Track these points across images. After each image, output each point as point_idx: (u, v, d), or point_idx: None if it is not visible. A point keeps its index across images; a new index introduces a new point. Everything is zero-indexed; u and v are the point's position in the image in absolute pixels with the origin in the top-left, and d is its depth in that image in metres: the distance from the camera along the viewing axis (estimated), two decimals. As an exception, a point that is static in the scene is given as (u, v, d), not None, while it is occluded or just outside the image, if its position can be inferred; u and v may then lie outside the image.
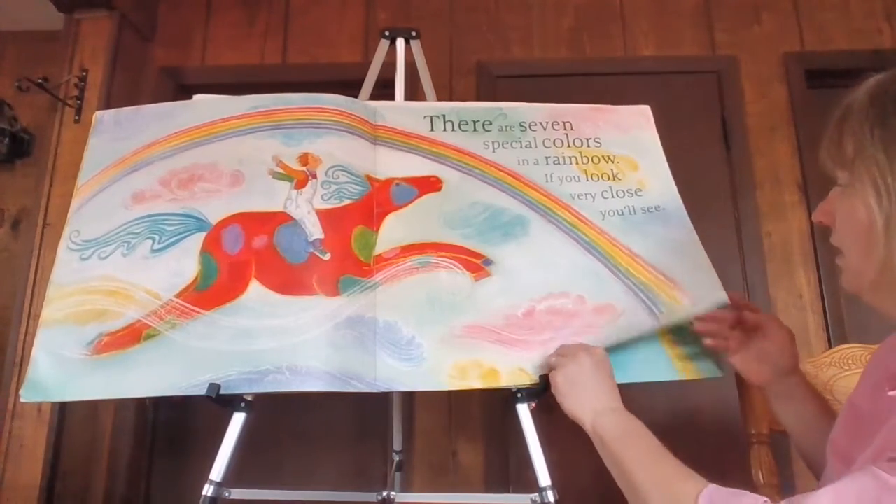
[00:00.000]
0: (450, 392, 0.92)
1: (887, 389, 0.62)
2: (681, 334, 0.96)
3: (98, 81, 1.90)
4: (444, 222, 1.04)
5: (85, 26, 1.96)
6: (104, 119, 1.15)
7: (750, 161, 1.94)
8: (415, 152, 1.11)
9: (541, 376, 0.90)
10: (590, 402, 0.79)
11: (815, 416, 0.81)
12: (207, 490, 0.87)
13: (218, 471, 0.88)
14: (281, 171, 1.05)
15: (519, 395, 0.92)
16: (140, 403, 1.85)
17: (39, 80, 1.84)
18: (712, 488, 0.59)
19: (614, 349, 0.93)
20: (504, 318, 0.96)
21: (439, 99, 1.38)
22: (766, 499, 0.55)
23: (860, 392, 0.73)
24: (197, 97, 1.16)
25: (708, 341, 0.87)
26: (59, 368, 0.91)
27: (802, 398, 0.83)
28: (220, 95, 1.15)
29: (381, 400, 1.62)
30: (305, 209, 1.02)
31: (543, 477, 0.89)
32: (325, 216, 1.01)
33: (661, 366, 0.94)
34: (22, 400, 0.90)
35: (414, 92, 1.45)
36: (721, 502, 0.57)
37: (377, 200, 1.05)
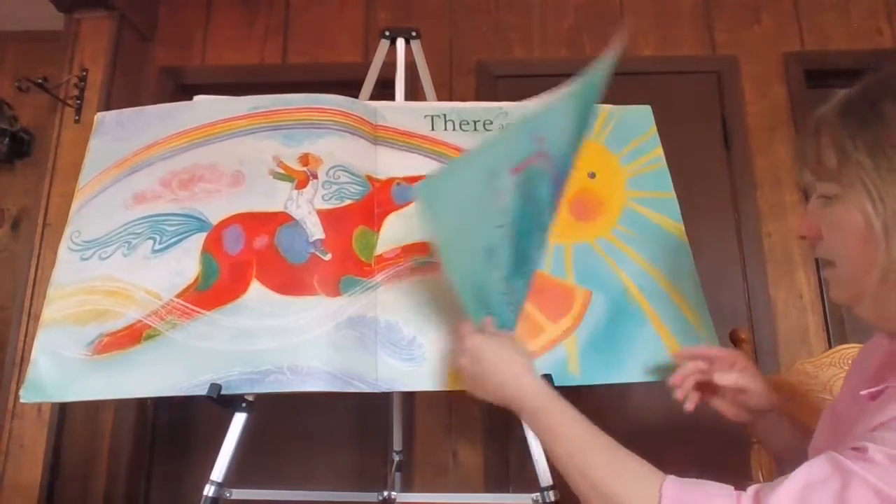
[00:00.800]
0: (450, 392, 0.91)
1: (861, 390, 0.62)
2: (682, 334, 0.96)
3: (98, 81, 1.90)
4: (444, 222, 1.04)
5: (85, 26, 1.96)
6: (106, 120, 1.15)
7: (750, 161, 1.94)
8: (415, 152, 1.11)
9: (542, 376, 0.90)
10: (500, 392, 0.75)
11: (795, 439, 0.80)
12: (208, 490, 0.87)
13: (219, 471, 0.88)
14: (282, 171, 1.05)
15: (520, 396, 0.92)
16: (140, 403, 1.85)
17: (39, 80, 1.84)
18: (672, 481, 0.56)
19: (617, 349, 0.93)
20: (505, 319, 0.96)
21: (439, 99, 1.38)
22: (730, 486, 0.54)
23: (840, 397, 0.73)
24: (197, 98, 1.16)
25: (688, 405, 0.81)
26: (60, 369, 0.91)
27: (786, 428, 0.82)
28: (221, 96, 1.15)
29: (381, 400, 1.62)
30: (306, 209, 1.02)
31: (545, 477, 0.89)
32: (326, 216, 1.01)
33: (662, 365, 0.94)
34: (22, 400, 0.90)
35: (414, 92, 1.45)
36: (688, 495, 0.54)
37: (378, 200, 1.05)
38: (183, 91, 2.09)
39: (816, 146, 0.60)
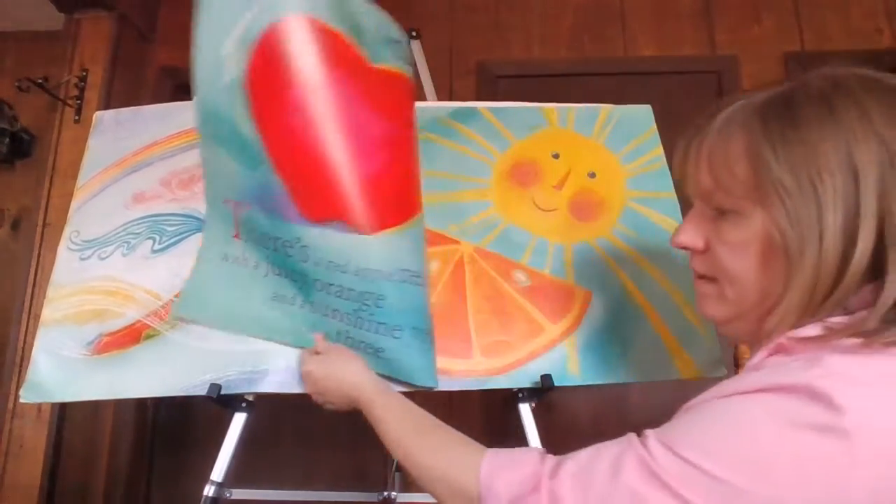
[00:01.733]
0: (450, 392, 0.91)
1: None
2: (682, 334, 0.96)
3: (98, 81, 1.90)
4: (444, 222, 1.04)
5: (85, 26, 1.96)
6: (104, 119, 1.15)
7: (750, 161, 1.94)
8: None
9: (542, 376, 0.90)
10: (341, 394, 0.80)
11: None
12: (208, 490, 0.87)
13: (219, 471, 0.88)
14: (281, 171, 1.05)
15: (520, 395, 0.92)
16: (140, 403, 1.85)
17: (39, 80, 1.84)
18: (493, 452, 0.61)
19: (617, 349, 0.93)
20: (504, 319, 0.96)
21: (439, 99, 1.38)
22: (541, 448, 0.59)
23: None
24: None
25: None
26: (60, 369, 0.91)
27: None
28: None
29: (381, 400, 1.61)
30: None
31: (544, 477, 0.89)
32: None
33: (662, 365, 0.94)
34: (22, 401, 0.90)
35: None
36: (500, 460, 0.59)
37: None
38: (183, 91, 2.07)
39: (725, 151, 0.54)
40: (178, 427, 1.92)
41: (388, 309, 0.83)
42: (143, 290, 0.97)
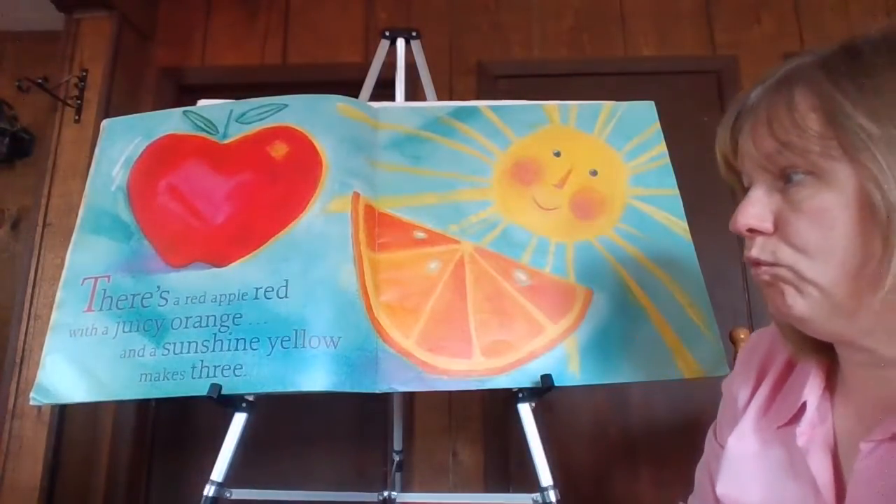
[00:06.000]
0: (450, 392, 0.91)
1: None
2: (684, 332, 0.96)
3: (98, 81, 1.90)
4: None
5: (85, 26, 1.96)
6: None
7: (750, 161, 1.93)
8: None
9: (542, 376, 0.90)
10: None
11: None
12: (209, 490, 0.87)
13: (219, 471, 0.88)
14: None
15: (520, 395, 0.92)
16: (140, 403, 1.85)
17: (39, 80, 1.84)
18: None
19: (618, 349, 0.93)
20: (505, 318, 0.96)
21: (439, 99, 1.38)
22: None
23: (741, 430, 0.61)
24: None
25: None
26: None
27: None
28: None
29: (381, 400, 1.61)
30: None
31: (545, 477, 0.89)
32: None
33: (664, 365, 0.94)
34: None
35: (414, 92, 1.45)
36: None
37: (378, 200, 1.05)
38: (183, 91, 2.09)
39: (789, 108, 0.47)
40: (178, 427, 1.92)
41: (246, 325, 0.90)
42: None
